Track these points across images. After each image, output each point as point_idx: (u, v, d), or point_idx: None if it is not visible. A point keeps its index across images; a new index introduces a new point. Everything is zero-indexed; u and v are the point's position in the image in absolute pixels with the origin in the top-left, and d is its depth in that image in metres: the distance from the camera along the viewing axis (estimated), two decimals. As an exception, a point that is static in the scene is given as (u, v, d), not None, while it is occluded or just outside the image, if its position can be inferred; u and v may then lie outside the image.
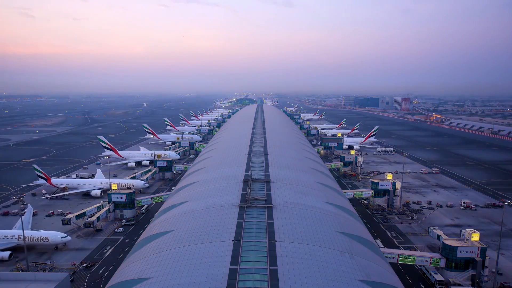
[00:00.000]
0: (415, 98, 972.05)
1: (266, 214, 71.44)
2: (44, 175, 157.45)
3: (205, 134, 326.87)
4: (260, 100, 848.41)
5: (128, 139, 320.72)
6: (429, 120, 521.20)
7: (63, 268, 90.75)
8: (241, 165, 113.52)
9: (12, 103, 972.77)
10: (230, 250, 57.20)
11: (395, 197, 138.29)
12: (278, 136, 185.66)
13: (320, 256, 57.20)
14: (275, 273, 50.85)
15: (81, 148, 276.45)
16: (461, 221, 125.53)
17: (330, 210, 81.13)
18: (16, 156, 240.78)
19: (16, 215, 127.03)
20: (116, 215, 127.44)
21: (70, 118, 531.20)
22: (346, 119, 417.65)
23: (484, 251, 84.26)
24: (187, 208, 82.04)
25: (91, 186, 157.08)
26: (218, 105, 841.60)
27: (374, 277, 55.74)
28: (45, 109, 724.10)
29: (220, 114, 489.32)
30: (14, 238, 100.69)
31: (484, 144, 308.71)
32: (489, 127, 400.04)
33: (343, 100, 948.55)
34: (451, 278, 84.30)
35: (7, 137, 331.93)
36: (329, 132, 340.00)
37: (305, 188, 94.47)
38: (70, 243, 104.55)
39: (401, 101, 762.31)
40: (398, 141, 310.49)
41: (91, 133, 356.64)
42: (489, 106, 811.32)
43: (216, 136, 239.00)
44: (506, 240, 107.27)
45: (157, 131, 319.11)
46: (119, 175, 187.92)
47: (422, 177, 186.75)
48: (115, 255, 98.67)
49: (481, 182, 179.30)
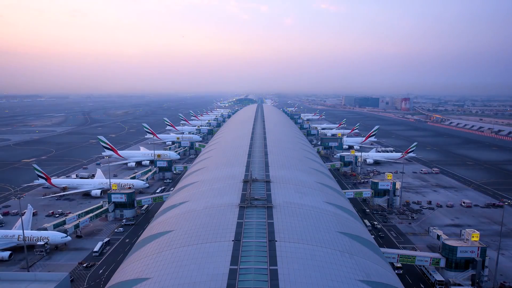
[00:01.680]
0: (415, 98, 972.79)
1: (266, 214, 71.44)
2: (44, 175, 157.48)
3: (205, 134, 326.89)
4: (260, 100, 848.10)
5: (128, 139, 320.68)
6: (429, 120, 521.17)
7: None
8: (241, 165, 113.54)
9: (12, 103, 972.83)
10: (230, 250, 57.21)
11: (395, 197, 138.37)
12: (278, 136, 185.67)
13: (320, 256, 57.21)
14: (275, 273, 50.86)
15: (81, 148, 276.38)
16: (461, 221, 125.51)
17: (330, 210, 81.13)
18: (16, 156, 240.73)
19: (16, 215, 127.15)
20: (116, 215, 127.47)
21: (70, 118, 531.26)
22: (346, 119, 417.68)
23: (484, 251, 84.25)
24: (187, 208, 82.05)
25: (91, 186, 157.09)
26: (218, 105, 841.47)
27: (374, 277, 55.76)
28: (45, 109, 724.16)
29: (220, 114, 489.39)
30: (14, 238, 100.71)
31: (484, 144, 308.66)
32: (489, 127, 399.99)
33: (343, 100, 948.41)
34: (451, 278, 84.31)
35: (7, 137, 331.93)
36: (329, 132, 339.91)
37: (305, 188, 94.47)
38: (70, 243, 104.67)
39: (401, 101, 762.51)
40: (398, 141, 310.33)
41: (91, 133, 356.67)
42: (489, 106, 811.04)
43: (216, 136, 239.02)
44: (506, 240, 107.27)
45: (157, 131, 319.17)
46: (119, 175, 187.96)
47: (422, 177, 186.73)
48: (115, 255, 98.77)
49: (481, 182, 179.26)
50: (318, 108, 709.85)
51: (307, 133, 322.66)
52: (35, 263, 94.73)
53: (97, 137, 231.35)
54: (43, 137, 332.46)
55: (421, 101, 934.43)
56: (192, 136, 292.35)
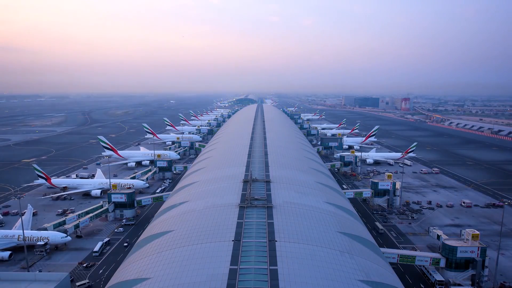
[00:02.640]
0: (415, 98, 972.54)
1: (266, 214, 71.44)
2: (44, 175, 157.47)
3: (205, 134, 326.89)
4: (260, 100, 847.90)
5: (128, 139, 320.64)
6: (429, 120, 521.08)
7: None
8: (241, 165, 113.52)
9: (12, 103, 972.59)
10: (230, 250, 57.22)
11: (395, 197, 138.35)
12: (278, 136, 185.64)
13: (320, 256, 57.22)
14: (275, 273, 50.87)
15: (81, 148, 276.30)
16: (461, 221, 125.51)
17: (330, 210, 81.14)
18: (16, 156, 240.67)
19: (16, 215, 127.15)
20: (116, 215, 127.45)
21: (70, 118, 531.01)
22: (346, 119, 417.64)
23: (484, 251, 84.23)
24: (187, 208, 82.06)
25: (91, 186, 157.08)
26: (218, 105, 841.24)
27: (374, 277, 55.77)
28: (45, 109, 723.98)
29: (220, 114, 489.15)
30: (14, 238, 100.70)
31: (484, 144, 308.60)
32: (489, 127, 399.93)
33: (343, 100, 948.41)
34: (451, 278, 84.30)
35: (7, 137, 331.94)
36: (329, 132, 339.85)
37: (305, 188, 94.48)
38: (70, 243, 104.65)
39: (401, 101, 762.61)
40: (398, 141, 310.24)
41: (91, 133, 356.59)
42: (489, 106, 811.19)
43: (216, 136, 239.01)
44: (506, 240, 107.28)
45: (157, 131, 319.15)
46: (119, 175, 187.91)
47: (422, 177, 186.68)
48: (115, 255, 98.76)
49: (481, 182, 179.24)
50: (318, 108, 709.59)
51: (307, 133, 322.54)
52: (35, 263, 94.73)
53: (97, 137, 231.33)
54: (43, 137, 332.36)
55: (421, 101, 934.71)
56: (192, 136, 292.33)
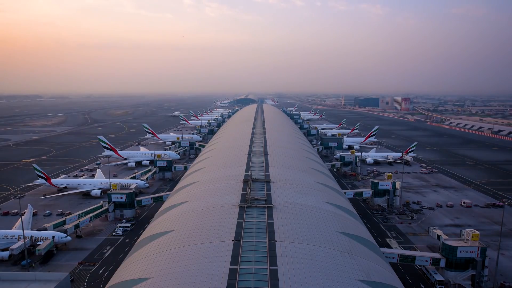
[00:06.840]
0: (415, 97, 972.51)
1: (266, 214, 71.40)
2: (44, 175, 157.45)
3: (205, 134, 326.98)
4: (260, 100, 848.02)
5: (128, 139, 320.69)
6: (429, 120, 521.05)
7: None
8: (241, 165, 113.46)
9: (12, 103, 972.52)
10: (230, 250, 57.16)
11: (395, 197, 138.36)
12: (278, 136, 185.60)
13: (320, 256, 57.21)
14: (275, 273, 50.81)
15: (81, 148, 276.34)
16: (461, 221, 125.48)
17: (330, 210, 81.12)
18: (16, 156, 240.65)
19: (16, 215, 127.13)
20: (116, 215, 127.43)
21: (70, 118, 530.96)
22: (346, 119, 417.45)
23: (484, 251, 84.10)
24: (187, 208, 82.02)
25: (91, 186, 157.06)
26: (218, 105, 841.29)
27: (374, 277, 55.76)
28: (45, 109, 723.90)
29: (220, 114, 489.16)
30: (14, 238, 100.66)
31: (484, 144, 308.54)
32: (489, 127, 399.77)
33: (343, 100, 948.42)
34: (451, 278, 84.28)
35: (7, 137, 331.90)
36: (329, 132, 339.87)
37: (305, 188, 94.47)
38: (70, 243, 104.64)
39: (401, 101, 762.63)
40: (398, 141, 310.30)
41: (91, 133, 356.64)
42: (489, 106, 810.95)
43: (216, 136, 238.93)
44: (506, 240, 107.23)
45: (157, 131, 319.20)
46: (119, 175, 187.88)
47: (422, 177, 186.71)
48: (115, 255, 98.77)
49: (481, 182, 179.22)
50: (318, 108, 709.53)
51: (307, 133, 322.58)
52: (35, 263, 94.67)
53: (97, 137, 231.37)
54: (43, 137, 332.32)
55: (421, 101, 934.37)
56: (192, 136, 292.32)
